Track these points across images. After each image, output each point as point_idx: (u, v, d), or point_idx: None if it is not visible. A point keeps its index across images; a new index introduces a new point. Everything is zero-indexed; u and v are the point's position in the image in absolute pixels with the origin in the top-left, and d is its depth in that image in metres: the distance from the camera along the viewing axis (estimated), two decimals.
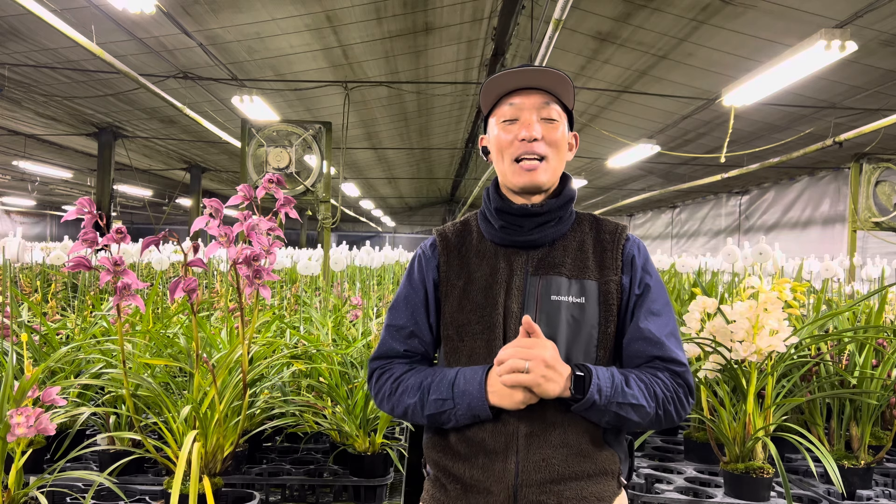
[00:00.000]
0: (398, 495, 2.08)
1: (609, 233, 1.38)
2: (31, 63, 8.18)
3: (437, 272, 1.39)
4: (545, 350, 1.18)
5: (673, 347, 1.29)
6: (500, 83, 1.35)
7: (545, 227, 1.34)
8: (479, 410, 1.23)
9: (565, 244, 1.36)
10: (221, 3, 6.72)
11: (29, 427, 1.43)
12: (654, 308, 1.32)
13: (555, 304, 1.28)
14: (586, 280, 1.31)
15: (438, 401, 1.26)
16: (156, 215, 24.55)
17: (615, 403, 1.20)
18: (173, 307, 2.71)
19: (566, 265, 1.32)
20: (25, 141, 13.11)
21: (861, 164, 6.74)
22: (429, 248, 1.43)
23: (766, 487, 1.99)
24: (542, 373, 1.17)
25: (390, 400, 1.34)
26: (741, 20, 6.42)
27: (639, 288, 1.33)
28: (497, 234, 1.36)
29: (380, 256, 5.39)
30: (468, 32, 8.38)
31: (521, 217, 1.34)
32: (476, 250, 1.39)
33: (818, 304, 2.75)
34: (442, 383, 1.27)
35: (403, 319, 1.39)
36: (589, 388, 1.19)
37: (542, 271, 1.32)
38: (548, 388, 1.18)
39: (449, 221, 1.50)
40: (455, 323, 1.33)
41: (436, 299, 1.38)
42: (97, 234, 1.46)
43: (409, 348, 1.38)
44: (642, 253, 1.38)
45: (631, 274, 1.34)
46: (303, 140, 4.95)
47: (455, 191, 25.28)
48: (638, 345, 1.30)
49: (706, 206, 17.65)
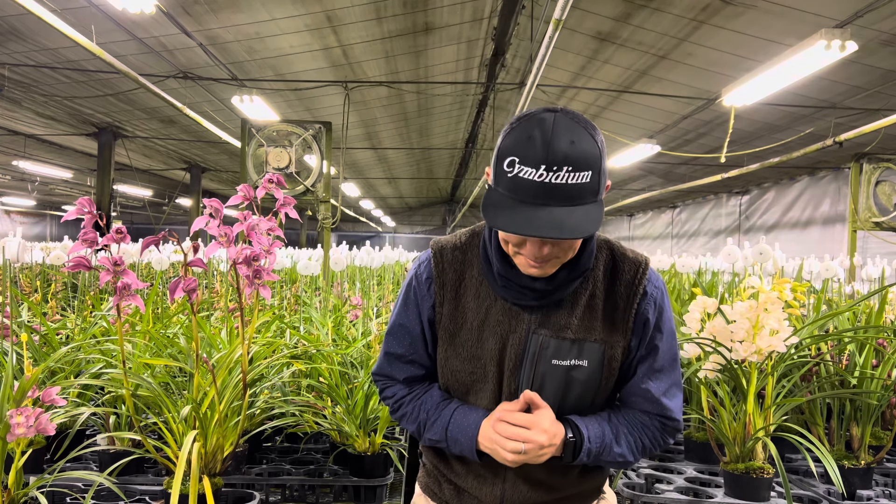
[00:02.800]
0: (398, 495, 2.08)
1: (625, 285, 1.26)
2: (31, 63, 8.17)
3: (432, 311, 1.31)
4: (542, 434, 1.17)
5: (669, 405, 1.28)
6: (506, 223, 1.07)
7: (554, 295, 1.22)
8: (469, 455, 1.27)
9: (574, 300, 1.25)
10: (221, 3, 6.72)
11: (29, 427, 1.43)
12: (657, 366, 1.28)
13: (554, 366, 1.23)
14: (591, 342, 1.24)
15: (433, 440, 1.30)
16: (156, 215, 24.54)
17: (602, 460, 1.25)
18: (173, 307, 2.71)
19: (572, 327, 1.23)
20: (25, 141, 13.10)
21: (861, 164, 6.74)
22: (424, 282, 1.31)
23: (767, 487, 1.99)
24: (538, 454, 1.19)
25: (394, 414, 1.40)
26: (741, 20, 6.41)
27: (646, 349, 1.28)
28: (499, 289, 1.25)
29: (380, 256, 5.38)
30: (468, 32, 8.38)
31: (527, 290, 1.22)
32: (475, 293, 1.28)
33: (818, 304, 2.75)
34: (437, 424, 1.29)
35: (402, 349, 1.35)
36: (579, 455, 1.22)
37: (545, 332, 1.23)
38: (540, 460, 1.21)
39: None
40: (450, 367, 1.30)
41: (432, 334, 1.33)
42: (97, 234, 1.46)
43: (409, 375, 1.37)
44: (658, 307, 1.27)
45: (641, 336, 1.27)
46: (303, 140, 4.94)
47: (455, 191, 25.25)
48: (636, 399, 1.30)
49: (706, 206, 17.64)
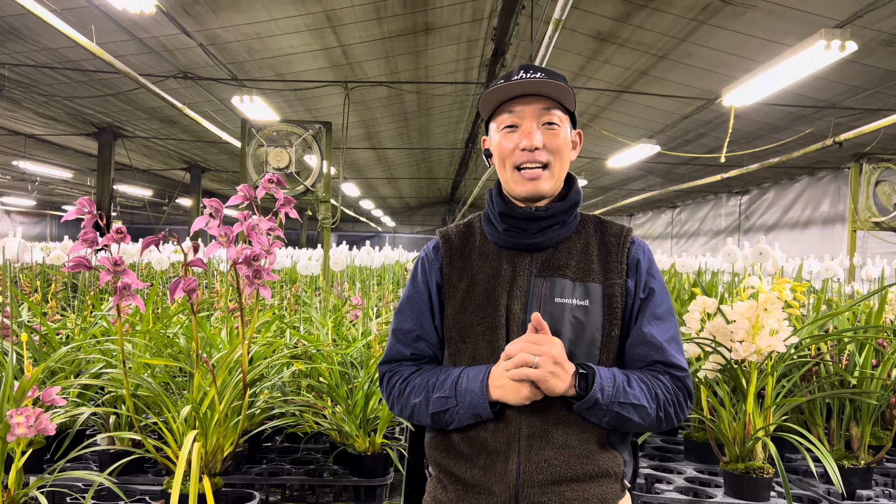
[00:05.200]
0: (398, 495, 2.08)
1: (614, 235, 1.37)
2: (31, 63, 8.18)
3: (440, 274, 1.39)
4: (554, 346, 1.19)
5: (674, 352, 1.30)
6: (499, 90, 1.34)
7: (549, 231, 1.34)
8: (481, 409, 1.23)
9: (570, 246, 1.35)
10: (221, 3, 6.72)
11: (29, 427, 1.43)
12: (658, 312, 1.32)
13: (558, 306, 1.28)
14: (590, 283, 1.31)
15: (441, 399, 1.27)
16: (156, 215, 24.53)
17: (617, 403, 1.21)
18: (173, 307, 2.71)
19: (570, 268, 1.32)
20: (25, 141, 13.10)
21: (861, 164, 6.74)
22: (431, 250, 1.43)
23: (766, 487, 1.99)
24: (551, 368, 1.18)
25: (399, 401, 1.36)
26: (741, 20, 6.41)
27: (643, 292, 1.33)
28: (500, 236, 1.36)
29: (380, 256, 5.38)
30: (468, 32, 8.38)
31: (525, 221, 1.33)
32: (479, 252, 1.38)
33: (818, 304, 2.75)
34: (446, 382, 1.28)
35: (409, 323, 1.39)
36: (592, 387, 1.20)
37: (545, 273, 1.31)
38: (554, 385, 1.19)
39: (451, 223, 1.50)
40: (457, 325, 1.33)
41: (440, 301, 1.38)
42: (97, 234, 1.46)
43: (416, 352, 1.38)
44: (647, 256, 1.37)
45: (636, 277, 1.34)
46: (303, 140, 4.94)
47: (455, 191, 25.27)
48: (640, 349, 1.30)
49: (706, 206, 17.64)
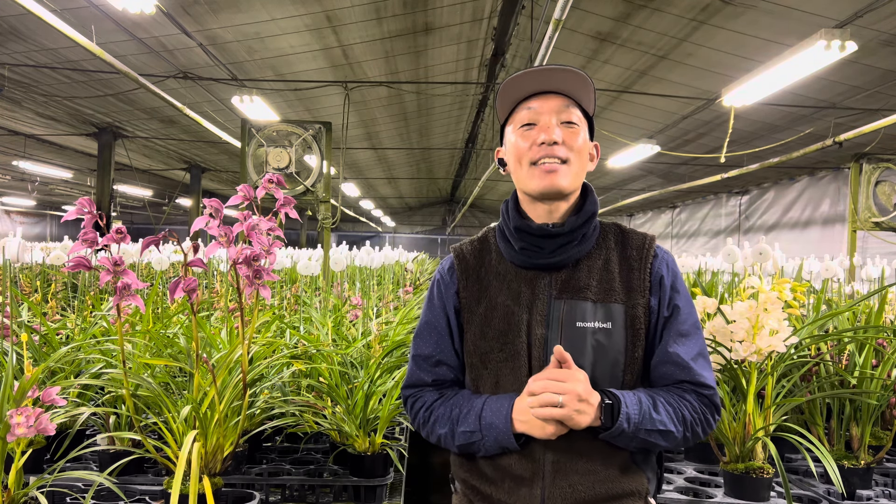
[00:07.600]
0: (398, 495, 2.08)
1: (636, 249, 1.31)
2: (31, 63, 8.18)
3: (456, 298, 1.34)
4: (578, 384, 1.16)
5: (700, 371, 1.26)
6: (516, 86, 1.29)
7: (567, 248, 1.27)
8: (506, 443, 1.22)
9: (590, 264, 1.29)
10: (221, 3, 6.72)
11: (29, 427, 1.43)
12: (683, 329, 1.28)
13: (580, 330, 1.24)
14: (612, 304, 1.26)
15: (466, 433, 1.25)
16: (156, 215, 24.54)
17: (643, 430, 1.19)
18: (173, 307, 2.70)
19: (591, 288, 1.26)
20: (25, 141, 13.10)
21: (861, 164, 6.74)
22: (447, 271, 1.38)
23: (766, 487, 1.99)
24: (576, 407, 1.15)
25: (424, 428, 1.35)
26: (741, 20, 6.42)
27: (667, 310, 1.28)
28: (517, 255, 1.30)
29: (380, 256, 5.37)
30: (468, 32, 8.38)
31: (541, 238, 1.28)
32: (496, 272, 1.33)
33: (818, 304, 2.74)
34: (469, 415, 1.25)
35: (429, 349, 1.35)
36: (618, 418, 1.17)
37: (566, 295, 1.26)
38: (580, 421, 1.16)
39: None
40: (478, 351, 1.29)
41: (458, 325, 1.34)
42: (97, 234, 1.46)
43: (438, 377, 1.35)
44: (671, 270, 1.31)
45: (659, 295, 1.28)
46: (303, 140, 4.94)
47: (455, 191, 25.24)
48: (665, 368, 1.27)
49: (706, 206, 17.64)
